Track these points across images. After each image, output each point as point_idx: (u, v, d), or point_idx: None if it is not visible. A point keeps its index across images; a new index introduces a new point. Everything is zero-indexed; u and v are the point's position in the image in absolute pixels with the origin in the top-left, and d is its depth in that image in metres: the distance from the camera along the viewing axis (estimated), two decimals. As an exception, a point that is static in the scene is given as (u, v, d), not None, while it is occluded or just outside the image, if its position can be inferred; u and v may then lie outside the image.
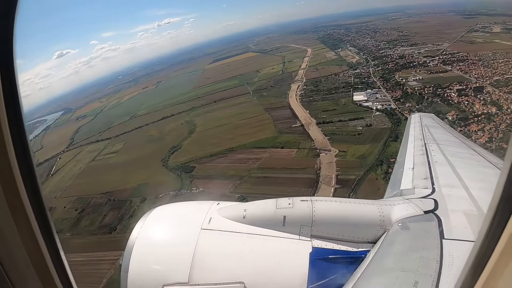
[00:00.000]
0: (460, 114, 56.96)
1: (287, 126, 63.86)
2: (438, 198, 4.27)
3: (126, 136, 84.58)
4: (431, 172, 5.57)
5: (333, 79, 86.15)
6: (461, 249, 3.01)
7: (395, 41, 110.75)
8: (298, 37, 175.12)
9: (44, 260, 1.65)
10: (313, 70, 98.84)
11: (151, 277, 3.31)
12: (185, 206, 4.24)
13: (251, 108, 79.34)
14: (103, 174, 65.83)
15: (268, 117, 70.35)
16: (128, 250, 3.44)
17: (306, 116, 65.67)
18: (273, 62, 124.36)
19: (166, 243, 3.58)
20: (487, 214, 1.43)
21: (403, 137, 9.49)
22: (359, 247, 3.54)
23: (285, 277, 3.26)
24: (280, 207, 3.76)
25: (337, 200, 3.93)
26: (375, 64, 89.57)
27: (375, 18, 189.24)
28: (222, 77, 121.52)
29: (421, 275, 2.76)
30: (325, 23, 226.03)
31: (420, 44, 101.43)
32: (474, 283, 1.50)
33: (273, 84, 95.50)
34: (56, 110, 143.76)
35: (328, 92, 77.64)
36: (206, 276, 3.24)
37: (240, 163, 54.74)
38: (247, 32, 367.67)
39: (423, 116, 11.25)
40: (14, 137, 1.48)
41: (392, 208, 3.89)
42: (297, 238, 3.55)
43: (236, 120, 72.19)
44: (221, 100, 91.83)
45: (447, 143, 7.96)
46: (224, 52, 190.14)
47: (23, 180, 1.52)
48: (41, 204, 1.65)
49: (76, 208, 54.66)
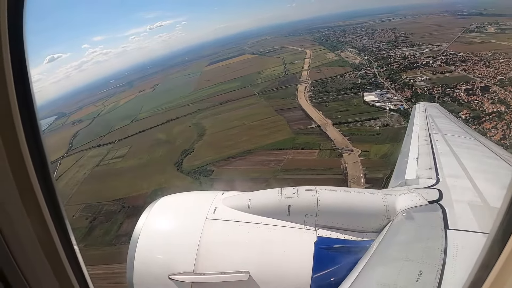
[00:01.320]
0: (472, 113, 58.25)
1: (303, 127, 63.83)
2: (443, 188, 4.29)
3: (130, 140, 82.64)
4: (436, 162, 5.60)
5: (339, 80, 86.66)
6: (466, 240, 3.06)
7: (394, 42, 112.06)
8: (294, 39, 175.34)
9: (58, 252, 1.65)
10: (317, 71, 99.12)
11: (156, 267, 3.34)
12: (190, 196, 4.25)
13: (261, 109, 79.00)
14: (111, 180, 64.03)
15: (281, 119, 70.12)
16: (134, 240, 3.48)
17: (320, 117, 65.90)
18: (273, 63, 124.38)
19: (171, 233, 3.61)
20: (501, 207, 1.42)
21: (408, 126, 9.49)
22: (364, 237, 3.56)
23: (290, 266, 3.30)
24: (285, 196, 3.79)
25: (341, 189, 3.94)
26: (378, 65, 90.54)
27: (368, 19, 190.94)
28: (223, 79, 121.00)
29: (426, 265, 2.79)
30: (318, 24, 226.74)
31: (419, 44, 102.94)
32: (486, 276, 1.47)
33: (279, 86, 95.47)
34: (49, 115, 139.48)
35: (337, 93, 78.14)
36: (212, 266, 3.27)
37: (262, 165, 54.16)
38: (239, 34, 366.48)
39: (428, 106, 11.30)
40: (27, 132, 1.49)
41: (396, 198, 3.90)
42: (302, 227, 3.58)
43: (248, 122, 71.76)
44: (227, 102, 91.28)
45: (452, 133, 7.98)
46: (219, 55, 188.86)
47: (35, 173, 1.52)
48: (55, 200, 1.66)
49: (87, 216, 52.53)
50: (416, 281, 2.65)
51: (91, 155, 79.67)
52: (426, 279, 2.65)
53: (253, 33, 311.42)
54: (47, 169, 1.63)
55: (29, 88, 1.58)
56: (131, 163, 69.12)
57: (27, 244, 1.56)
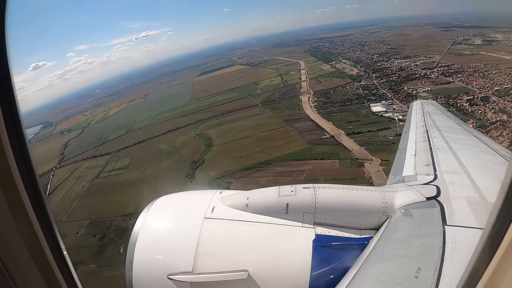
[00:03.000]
0: (478, 122, 60.28)
1: (317, 137, 64.03)
2: (440, 185, 4.34)
3: (129, 150, 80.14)
4: (433, 159, 5.69)
5: (341, 91, 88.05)
6: (464, 236, 3.11)
7: (386, 54, 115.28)
8: (283, 50, 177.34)
9: (46, 257, 1.66)
10: (316, 82, 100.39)
11: (155, 267, 3.37)
12: (188, 196, 4.27)
13: (268, 120, 78.89)
14: (116, 193, 61.12)
15: (291, 129, 70.08)
16: (132, 240, 3.51)
17: (332, 127, 66.43)
18: (268, 74, 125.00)
19: (170, 233, 3.63)
20: (496, 202, 1.44)
21: (405, 123, 9.72)
22: (362, 234, 3.60)
23: (288, 264, 3.33)
24: (282, 194, 3.79)
25: (339, 187, 3.96)
26: (377, 77, 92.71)
27: (355, 31, 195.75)
28: (218, 89, 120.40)
29: (424, 262, 2.82)
30: (305, 36, 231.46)
31: (413, 56, 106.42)
32: (482, 272, 1.50)
33: (281, 96, 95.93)
34: (34, 124, 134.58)
35: (343, 103, 79.21)
36: (210, 265, 3.31)
37: (283, 176, 53.26)
38: (224, 45, 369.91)
39: (425, 102, 11.52)
40: (12, 137, 1.49)
41: (394, 194, 3.94)
42: (300, 225, 3.61)
43: (257, 132, 71.30)
44: (229, 113, 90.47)
45: (449, 129, 8.10)
46: (208, 65, 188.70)
47: (21, 178, 1.53)
48: (41, 202, 1.67)
49: (94, 233, 49.33)
50: (414, 277, 2.68)
51: (87, 166, 76.47)
52: (424, 275, 2.68)
53: (238, 44, 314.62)
54: (32, 172, 1.62)
55: (13, 95, 1.57)
56: (136, 175, 66.37)
57: (14, 247, 1.56)
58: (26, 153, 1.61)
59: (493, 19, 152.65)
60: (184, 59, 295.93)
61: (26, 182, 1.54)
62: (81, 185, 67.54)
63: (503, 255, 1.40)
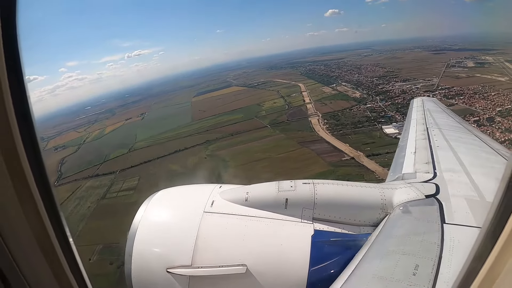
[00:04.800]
0: (489, 142, 62.81)
1: (337, 159, 64.38)
2: (440, 183, 4.43)
3: (135, 170, 77.52)
4: (433, 157, 5.81)
5: (349, 114, 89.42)
6: (462, 234, 3.19)
7: (385, 77, 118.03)
8: (278, 73, 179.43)
9: (55, 251, 1.70)
10: (322, 104, 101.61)
11: (154, 260, 3.42)
12: (187, 189, 4.33)
13: (281, 142, 78.65)
14: (128, 215, 56.97)
15: (308, 151, 70.14)
16: (132, 234, 3.55)
17: (350, 149, 67.08)
18: (269, 96, 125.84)
19: (169, 227, 3.66)
20: (494, 200, 1.47)
21: (405, 121, 9.89)
22: (361, 230, 3.67)
23: (287, 259, 3.38)
24: (282, 189, 3.88)
25: (339, 183, 4.03)
26: (381, 99, 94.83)
27: (346, 54, 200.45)
28: (220, 110, 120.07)
29: (422, 259, 2.88)
30: (296, 59, 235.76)
31: (411, 79, 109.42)
32: (479, 269, 1.54)
33: (289, 118, 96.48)
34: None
35: (354, 125, 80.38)
36: (209, 259, 3.36)
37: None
38: (215, 67, 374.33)
39: (426, 100, 11.76)
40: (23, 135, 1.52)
41: (393, 191, 4.02)
42: (299, 220, 3.67)
43: (274, 154, 70.97)
44: (238, 134, 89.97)
45: (449, 128, 8.21)
46: (202, 86, 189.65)
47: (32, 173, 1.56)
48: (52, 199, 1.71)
49: (111, 260, 44.70)
50: (412, 274, 2.71)
51: (90, 186, 73.13)
52: (422, 272, 2.72)
53: (229, 65, 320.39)
54: (43, 169, 1.66)
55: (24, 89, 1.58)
56: (148, 197, 64.42)
57: (25, 243, 1.59)
58: (38, 152, 1.65)
59: (479, 41, 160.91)
60: (176, 79, 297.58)
61: (36, 175, 1.57)
62: (86, 206, 64.03)
63: (499, 253, 1.42)
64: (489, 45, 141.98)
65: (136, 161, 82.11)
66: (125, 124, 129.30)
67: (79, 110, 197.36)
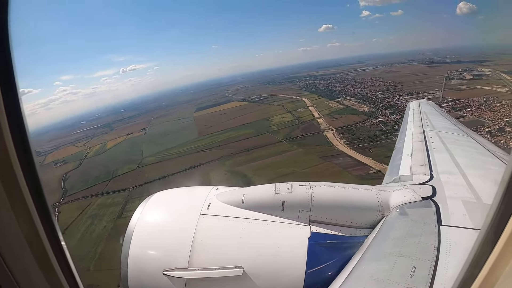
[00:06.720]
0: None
1: (364, 172, 64.88)
2: (436, 185, 4.46)
3: (148, 186, 73.14)
4: (430, 159, 5.86)
5: (362, 127, 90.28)
6: (459, 236, 3.18)
7: (389, 91, 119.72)
8: (278, 88, 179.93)
9: (46, 252, 1.72)
10: (332, 119, 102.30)
11: (151, 263, 3.43)
12: (184, 192, 4.38)
13: (302, 157, 78.38)
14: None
15: (333, 165, 70.36)
16: (128, 236, 3.60)
17: (373, 162, 67.77)
18: (276, 111, 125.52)
19: (166, 229, 3.68)
20: (492, 203, 1.47)
21: (402, 123, 9.97)
22: (358, 232, 3.71)
23: (283, 262, 3.40)
24: (279, 192, 3.92)
25: (335, 185, 4.09)
26: (391, 113, 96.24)
27: (341, 69, 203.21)
28: (227, 125, 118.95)
29: (419, 261, 2.89)
30: (292, 74, 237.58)
31: (415, 93, 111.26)
32: (477, 273, 1.54)
33: (303, 133, 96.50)
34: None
35: (371, 139, 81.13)
36: (206, 261, 3.39)
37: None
38: (210, 82, 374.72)
39: (422, 103, 11.83)
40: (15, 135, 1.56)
41: (390, 193, 4.07)
42: (295, 223, 3.71)
43: (298, 169, 70.40)
44: (254, 149, 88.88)
45: (446, 130, 8.26)
46: (201, 101, 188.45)
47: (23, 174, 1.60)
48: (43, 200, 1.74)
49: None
50: (409, 276, 2.73)
51: (102, 204, 69.82)
52: (419, 274, 2.74)
53: (224, 80, 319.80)
54: (33, 168, 1.71)
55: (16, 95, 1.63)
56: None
57: (16, 246, 1.61)
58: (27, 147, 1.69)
59: (471, 53, 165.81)
60: (171, 94, 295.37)
61: (27, 177, 1.60)
62: (102, 226, 61.02)
63: (498, 256, 1.41)
64: (482, 57, 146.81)
65: (149, 178, 79.48)
66: (127, 139, 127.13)
67: (74, 124, 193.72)
